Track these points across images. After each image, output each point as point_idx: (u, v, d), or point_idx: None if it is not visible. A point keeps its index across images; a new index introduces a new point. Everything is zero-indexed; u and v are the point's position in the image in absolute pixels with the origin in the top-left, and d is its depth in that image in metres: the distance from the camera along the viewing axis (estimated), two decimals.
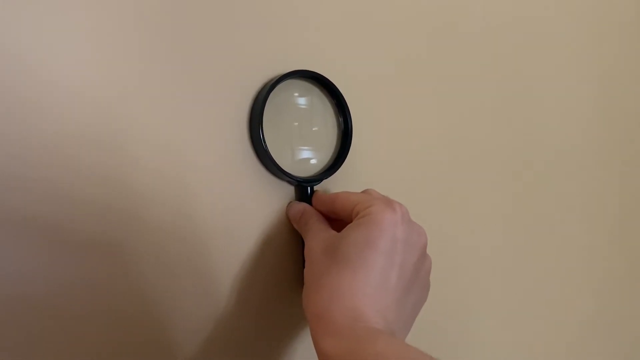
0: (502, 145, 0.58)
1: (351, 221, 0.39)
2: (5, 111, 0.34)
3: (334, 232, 0.39)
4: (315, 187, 0.44)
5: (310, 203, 0.43)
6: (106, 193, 0.37)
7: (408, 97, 0.51)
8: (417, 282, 0.39)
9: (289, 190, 0.44)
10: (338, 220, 0.42)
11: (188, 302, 0.40)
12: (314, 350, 0.35)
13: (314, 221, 0.41)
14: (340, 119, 0.45)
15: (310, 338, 0.35)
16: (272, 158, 0.41)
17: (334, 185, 0.45)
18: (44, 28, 0.35)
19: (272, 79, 0.42)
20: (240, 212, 0.42)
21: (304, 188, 0.43)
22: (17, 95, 0.34)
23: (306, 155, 0.44)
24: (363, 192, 0.42)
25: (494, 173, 0.57)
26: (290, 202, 0.44)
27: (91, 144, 0.36)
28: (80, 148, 0.36)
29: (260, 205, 0.43)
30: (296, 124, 0.43)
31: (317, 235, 0.39)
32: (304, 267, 0.43)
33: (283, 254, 0.44)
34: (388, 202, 0.38)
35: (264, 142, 0.41)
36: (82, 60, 0.36)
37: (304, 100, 0.44)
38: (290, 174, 0.42)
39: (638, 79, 0.70)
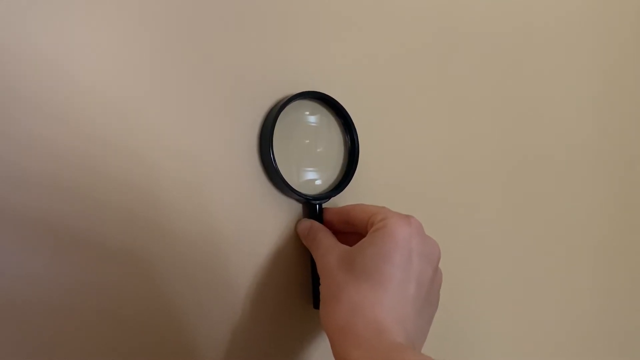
0: (510, 160, 0.59)
1: (366, 231, 0.39)
2: (27, 112, 0.34)
3: (346, 246, 0.40)
4: (323, 205, 0.45)
5: (318, 220, 0.44)
6: (128, 199, 0.37)
7: (413, 115, 0.52)
8: (432, 293, 0.39)
9: (297, 208, 0.45)
10: (347, 233, 0.43)
11: (203, 307, 0.40)
12: (326, 358, 0.35)
13: (322, 236, 0.42)
14: (347, 138, 0.46)
15: (323, 347, 0.35)
16: (282, 176, 0.42)
17: (341, 203, 0.46)
18: (65, 33, 0.36)
19: (281, 100, 0.43)
20: (251, 228, 0.42)
21: (312, 206, 0.44)
22: (37, 95, 0.35)
23: (314, 174, 0.45)
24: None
25: (501, 187, 0.58)
26: (299, 219, 0.44)
27: (107, 147, 0.37)
28: (98, 152, 0.36)
29: (269, 222, 0.43)
30: (306, 141, 0.44)
31: (330, 250, 0.40)
32: (313, 281, 0.44)
33: (293, 268, 0.44)
34: (404, 216, 0.39)
35: (274, 160, 0.42)
36: (103, 75, 0.37)
37: (312, 119, 0.45)
38: (298, 192, 0.43)
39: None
